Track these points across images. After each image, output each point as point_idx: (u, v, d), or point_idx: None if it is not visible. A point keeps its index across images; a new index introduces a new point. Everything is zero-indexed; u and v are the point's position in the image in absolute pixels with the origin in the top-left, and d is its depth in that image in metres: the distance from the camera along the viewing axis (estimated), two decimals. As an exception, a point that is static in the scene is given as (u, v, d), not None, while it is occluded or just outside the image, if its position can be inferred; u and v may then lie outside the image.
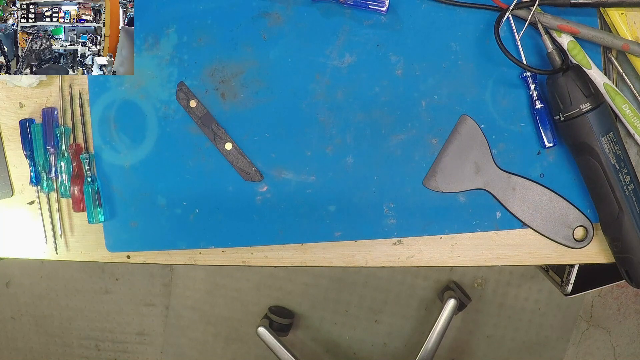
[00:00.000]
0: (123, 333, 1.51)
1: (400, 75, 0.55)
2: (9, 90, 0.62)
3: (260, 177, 0.57)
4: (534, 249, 0.56)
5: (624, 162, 0.50)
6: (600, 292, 1.37)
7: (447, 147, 0.55)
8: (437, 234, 0.56)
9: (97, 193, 0.59)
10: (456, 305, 1.26)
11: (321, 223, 0.57)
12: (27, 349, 1.56)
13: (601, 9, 0.53)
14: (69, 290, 1.51)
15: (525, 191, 0.54)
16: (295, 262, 0.59)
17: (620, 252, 0.52)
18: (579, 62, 0.52)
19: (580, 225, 0.54)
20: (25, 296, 1.53)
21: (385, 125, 0.56)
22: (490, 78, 0.54)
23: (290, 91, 0.57)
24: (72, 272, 1.50)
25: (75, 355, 1.54)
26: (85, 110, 0.60)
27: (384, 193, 0.56)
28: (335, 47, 0.56)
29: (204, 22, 0.57)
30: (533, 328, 1.38)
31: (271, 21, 0.57)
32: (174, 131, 0.58)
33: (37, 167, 0.60)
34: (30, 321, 1.54)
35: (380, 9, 0.54)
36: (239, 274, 1.42)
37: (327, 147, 0.56)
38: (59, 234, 0.61)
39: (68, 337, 1.54)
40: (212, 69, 0.57)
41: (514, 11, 0.52)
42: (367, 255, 0.58)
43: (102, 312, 1.50)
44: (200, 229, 0.58)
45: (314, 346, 1.42)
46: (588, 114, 0.49)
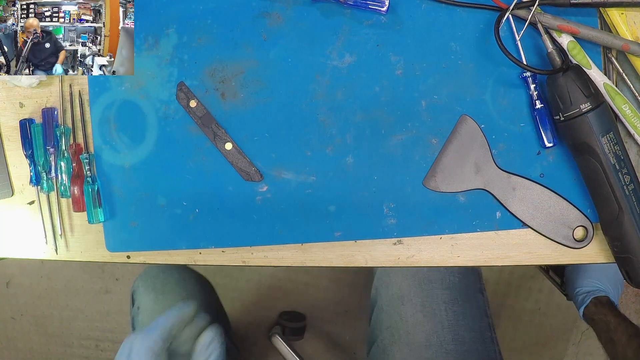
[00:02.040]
0: (123, 333, 1.51)
1: (400, 75, 0.55)
2: (9, 90, 0.62)
3: (260, 177, 0.57)
4: (534, 249, 0.56)
5: (624, 162, 0.50)
6: (600, 292, 1.37)
7: (447, 147, 0.55)
8: (437, 234, 0.56)
9: (97, 193, 0.59)
10: None
11: (321, 223, 0.57)
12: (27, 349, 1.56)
13: (601, 9, 0.53)
14: (69, 290, 1.51)
15: (525, 191, 0.54)
16: (295, 262, 0.59)
17: (620, 252, 0.52)
18: (579, 62, 0.52)
19: (580, 225, 0.54)
20: (25, 296, 1.53)
21: (385, 125, 0.56)
22: (490, 78, 0.55)
23: (290, 91, 0.57)
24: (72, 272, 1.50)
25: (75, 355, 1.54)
26: (85, 110, 0.60)
27: (384, 193, 0.56)
28: (335, 47, 0.56)
29: (204, 22, 0.57)
30: (533, 328, 1.38)
31: (271, 21, 0.57)
32: (174, 131, 0.58)
33: (37, 167, 0.60)
34: (30, 321, 1.54)
35: (380, 9, 0.54)
36: (238, 274, 1.42)
37: (327, 147, 0.56)
38: (59, 234, 0.61)
39: (68, 337, 1.54)
40: (212, 69, 0.57)
41: (514, 11, 0.52)
42: (367, 255, 0.58)
43: (102, 312, 1.50)
44: (200, 229, 0.58)
45: (314, 346, 1.42)
46: (588, 114, 0.49)
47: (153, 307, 0.86)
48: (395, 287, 0.77)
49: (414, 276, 0.76)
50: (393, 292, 0.77)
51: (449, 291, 0.75)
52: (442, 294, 0.75)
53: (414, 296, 0.75)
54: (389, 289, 0.78)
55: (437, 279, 0.75)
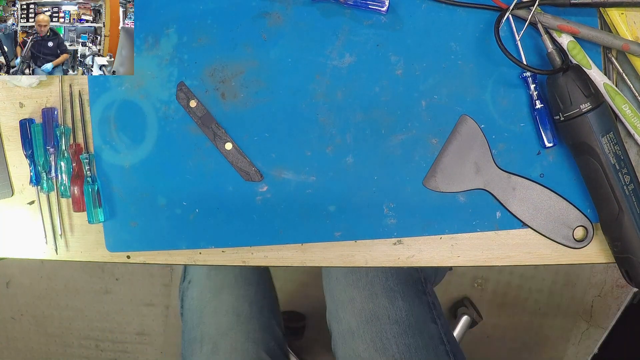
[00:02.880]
0: (123, 333, 1.51)
1: (400, 75, 0.55)
2: (9, 90, 0.62)
3: (260, 177, 0.57)
4: (534, 249, 0.56)
5: (624, 162, 0.50)
6: (600, 292, 1.37)
7: (447, 147, 0.55)
8: (437, 234, 0.56)
9: (97, 193, 0.59)
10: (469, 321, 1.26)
11: (321, 223, 0.57)
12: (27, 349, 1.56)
13: (601, 9, 0.53)
14: (69, 290, 1.51)
15: (525, 191, 0.54)
16: (295, 262, 0.59)
17: (620, 252, 0.52)
18: (579, 62, 0.52)
19: (580, 225, 0.54)
20: (25, 296, 1.53)
21: (385, 125, 0.56)
22: (490, 78, 0.55)
23: (290, 91, 0.57)
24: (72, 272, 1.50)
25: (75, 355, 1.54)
26: (85, 110, 0.60)
27: (384, 193, 0.56)
28: (335, 47, 0.56)
29: (204, 22, 0.57)
30: (533, 328, 1.38)
31: (271, 21, 0.57)
32: (174, 131, 0.58)
33: (37, 167, 0.60)
34: (30, 321, 1.54)
35: (380, 9, 0.54)
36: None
37: (327, 147, 0.56)
38: (59, 234, 0.61)
39: (68, 337, 1.54)
40: (212, 69, 0.57)
41: (514, 11, 0.52)
42: (367, 255, 0.58)
43: (102, 312, 1.50)
44: (200, 229, 0.58)
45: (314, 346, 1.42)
46: (588, 114, 0.49)
47: (205, 282, 0.87)
48: (345, 323, 0.78)
49: (360, 313, 0.76)
50: (343, 327, 0.78)
51: (397, 325, 0.74)
52: (390, 329, 0.74)
53: (363, 332, 0.75)
54: (340, 324, 0.78)
55: (384, 315, 0.75)
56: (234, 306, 0.85)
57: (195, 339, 0.84)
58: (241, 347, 0.82)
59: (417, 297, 0.78)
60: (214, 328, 0.84)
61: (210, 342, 0.83)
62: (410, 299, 0.77)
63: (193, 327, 0.86)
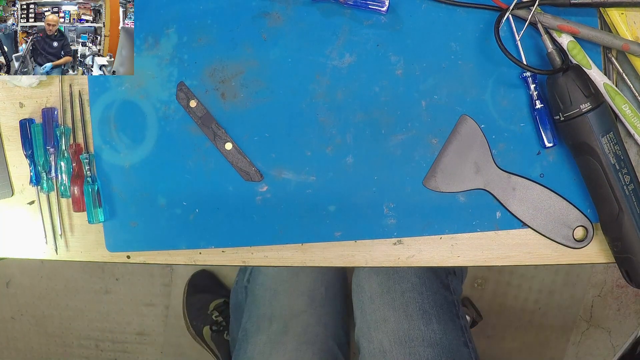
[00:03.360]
0: (123, 333, 1.51)
1: (400, 75, 0.55)
2: (9, 90, 0.62)
3: (260, 177, 0.57)
4: (534, 249, 0.56)
5: (624, 162, 0.50)
6: (600, 292, 1.37)
7: (447, 147, 0.55)
8: (437, 234, 0.56)
9: (97, 193, 0.59)
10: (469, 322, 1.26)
11: (321, 223, 0.57)
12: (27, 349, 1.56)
13: (601, 9, 0.53)
14: (69, 290, 1.51)
15: (525, 191, 0.54)
16: (295, 262, 0.59)
17: (620, 252, 0.52)
18: (579, 62, 0.52)
19: (580, 225, 0.54)
20: (25, 296, 1.53)
21: (385, 125, 0.56)
22: (490, 78, 0.55)
23: (290, 91, 0.57)
24: (72, 272, 1.50)
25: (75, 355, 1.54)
26: (85, 110, 0.60)
27: (384, 193, 0.56)
28: (335, 47, 0.56)
29: (204, 22, 0.57)
30: (533, 328, 1.38)
31: (271, 21, 0.57)
32: (174, 131, 0.58)
33: (37, 167, 0.60)
34: (30, 321, 1.54)
35: (380, 9, 0.54)
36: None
37: (327, 147, 0.56)
38: (59, 234, 0.61)
39: (68, 337, 1.54)
40: (212, 69, 0.57)
41: (514, 11, 0.52)
42: (367, 255, 0.58)
43: (102, 312, 1.50)
44: (200, 229, 0.58)
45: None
46: (588, 114, 0.49)
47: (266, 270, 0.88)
48: (377, 342, 0.76)
49: (393, 333, 0.75)
50: (374, 346, 0.76)
51: (431, 348, 0.73)
52: (424, 351, 0.73)
53: (396, 353, 0.74)
54: (371, 343, 0.77)
55: (418, 337, 0.74)
56: (310, 288, 0.85)
57: (264, 315, 0.84)
58: (312, 331, 0.82)
59: (451, 320, 0.77)
60: (287, 308, 0.84)
61: (281, 321, 0.83)
62: (445, 322, 0.76)
63: (264, 303, 0.86)
